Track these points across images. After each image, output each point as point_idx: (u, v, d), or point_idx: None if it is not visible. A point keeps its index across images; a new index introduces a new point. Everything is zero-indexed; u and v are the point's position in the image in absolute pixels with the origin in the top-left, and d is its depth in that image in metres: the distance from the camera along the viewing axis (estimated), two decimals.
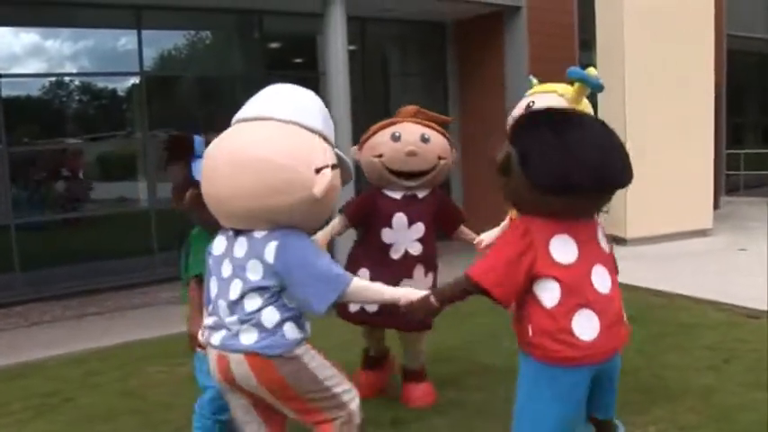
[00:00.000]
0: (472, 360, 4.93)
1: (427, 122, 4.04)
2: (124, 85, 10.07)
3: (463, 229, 4.23)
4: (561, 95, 3.59)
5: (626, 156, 2.53)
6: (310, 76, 11.01)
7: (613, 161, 2.49)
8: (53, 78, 9.46)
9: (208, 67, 10.82)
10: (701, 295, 6.66)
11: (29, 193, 9.29)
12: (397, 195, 3.98)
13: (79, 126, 9.81)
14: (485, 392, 4.35)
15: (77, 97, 9.85)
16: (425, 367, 4.34)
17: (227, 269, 2.63)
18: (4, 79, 8.69)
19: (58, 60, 9.47)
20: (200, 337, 2.78)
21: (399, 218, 3.94)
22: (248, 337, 2.54)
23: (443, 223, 4.16)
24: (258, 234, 2.58)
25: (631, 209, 9.54)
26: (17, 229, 8.63)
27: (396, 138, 3.92)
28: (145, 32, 9.48)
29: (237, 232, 2.63)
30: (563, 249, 2.50)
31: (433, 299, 2.65)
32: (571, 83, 3.56)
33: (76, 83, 9.73)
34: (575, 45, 11.86)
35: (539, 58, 11.08)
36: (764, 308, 6.05)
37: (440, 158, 3.98)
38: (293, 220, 2.59)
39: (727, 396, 4.15)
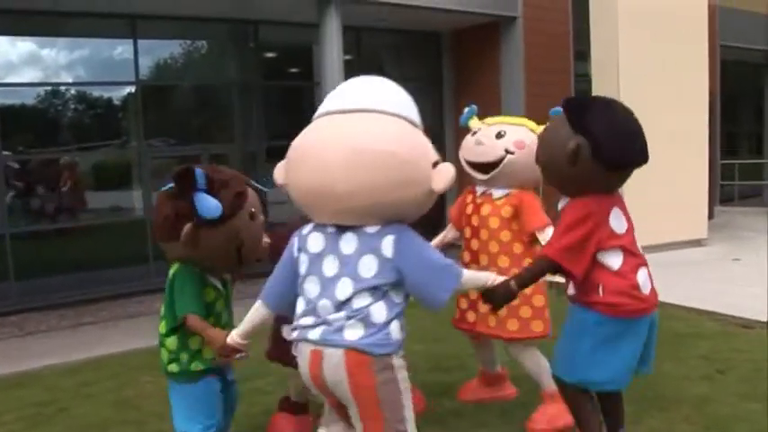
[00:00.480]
0: (469, 369, 4.92)
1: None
2: (120, 94, 10.08)
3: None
4: (531, 130, 3.84)
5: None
6: (306, 85, 11.06)
7: (644, 137, 3.00)
8: (49, 87, 9.47)
9: (203, 76, 10.84)
10: (696, 305, 6.67)
11: (24, 202, 9.28)
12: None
13: (75, 135, 9.81)
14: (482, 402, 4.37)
15: (73, 106, 9.85)
16: None
17: (331, 267, 2.54)
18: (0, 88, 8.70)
19: (54, 69, 9.48)
20: (286, 334, 2.77)
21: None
22: (353, 333, 2.45)
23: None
24: (370, 229, 2.51)
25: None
26: (12, 239, 8.61)
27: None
28: (140, 42, 9.50)
29: (342, 228, 2.54)
30: (618, 221, 2.98)
31: (513, 283, 2.83)
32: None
33: (72, 92, 9.74)
34: (570, 55, 11.92)
35: (534, 69, 11.14)
36: (759, 318, 6.07)
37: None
38: (405, 215, 2.56)
39: (721, 406, 4.15)
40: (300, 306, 2.59)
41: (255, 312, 2.77)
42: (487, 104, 11.53)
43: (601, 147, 2.82)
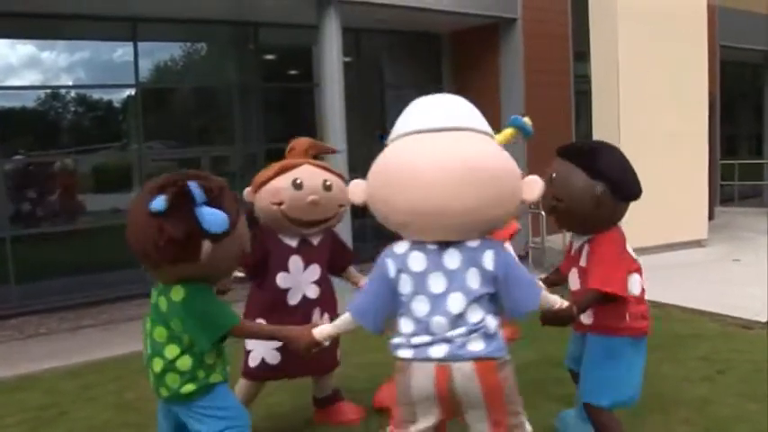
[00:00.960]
0: None
1: (325, 165, 3.95)
2: (120, 96, 10.08)
3: (350, 269, 4.15)
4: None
5: None
6: (305, 87, 11.06)
7: None
8: (49, 90, 9.48)
9: (203, 78, 10.85)
10: (696, 306, 6.68)
11: (24, 204, 9.29)
12: (293, 242, 3.86)
13: (75, 137, 9.80)
14: None
15: (73, 109, 9.85)
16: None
17: (438, 284, 2.58)
18: (0, 91, 8.71)
19: (55, 72, 9.49)
20: (401, 353, 2.63)
21: (295, 261, 3.85)
22: (476, 345, 2.54)
23: (332, 263, 4.03)
24: (472, 243, 2.59)
25: (626, 220, 9.56)
26: (12, 241, 8.62)
27: (297, 185, 3.72)
28: (141, 44, 9.52)
29: (444, 244, 2.59)
30: (629, 247, 3.36)
31: (575, 309, 2.95)
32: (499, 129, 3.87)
33: (72, 94, 9.74)
34: (569, 57, 11.93)
35: (534, 70, 11.15)
36: (759, 318, 6.08)
37: (340, 206, 3.89)
38: (498, 227, 2.77)
39: (721, 407, 4.16)
40: (409, 325, 2.61)
41: (345, 324, 2.82)
42: (487, 106, 11.50)
43: (621, 187, 3.26)
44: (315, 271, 3.89)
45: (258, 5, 9.23)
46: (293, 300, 3.84)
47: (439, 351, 2.54)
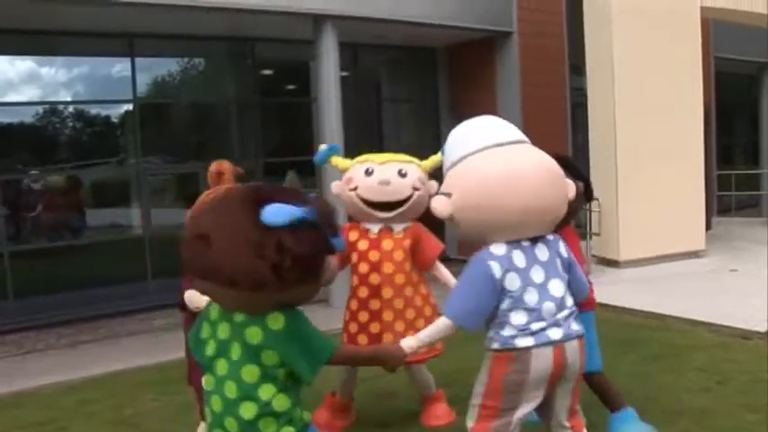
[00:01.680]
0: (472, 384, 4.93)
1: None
2: (118, 111, 10.11)
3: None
4: (419, 166, 4.24)
5: None
6: (303, 101, 11.09)
7: None
8: (47, 106, 9.51)
9: (201, 93, 10.88)
10: (694, 317, 6.68)
11: (22, 220, 9.30)
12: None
13: (73, 153, 9.83)
14: None
15: (71, 124, 9.88)
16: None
17: (539, 275, 2.92)
18: None
19: (53, 88, 9.52)
20: (520, 343, 2.87)
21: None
22: (575, 324, 2.97)
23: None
24: (550, 237, 3.02)
25: (624, 231, 9.59)
26: (10, 257, 8.62)
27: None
28: (138, 60, 9.55)
29: (533, 240, 2.95)
30: None
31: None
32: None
33: (70, 110, 9.77)
34: (565, 70, 11.97)
35: (530, 83, 11.19)
36: (757, 329, 6.08)
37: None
38: None
39: (720, 418, 4.16)
40: (522, 317, 2.87)
41: (441, 329, 2.98)
42: None
43: (590, 188, 3.89)
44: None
45: (255, 21, 9.26)
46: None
47: (556, 333, 2.88)
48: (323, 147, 4.52)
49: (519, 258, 2.88)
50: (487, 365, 2.94)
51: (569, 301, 2.98)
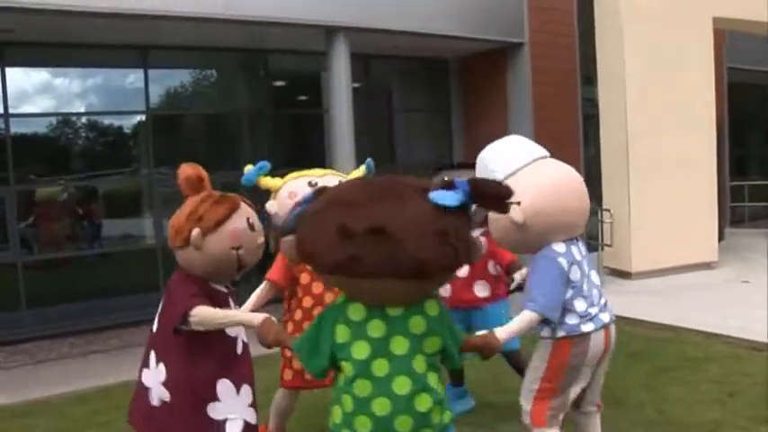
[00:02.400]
0: (476, 399, 4.92)
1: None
2: (130, 122, 10.18)
3: None
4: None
5: None
6: (315, 113, 11.13)
7: None
8: (61, 117, 9.59)
9: (213, 104, 10.94)
10: (706, 328, 6.65)
11: (36, 230, 9.36)
12: None
13: (86, 163, 9.90)
14: (487, 429, 4.40)
15: (84, 135, 9.95)
16: None
17: (585, 267, 3.29)
18: (13, 118, 8.81)
19: (67, 99, 9.61)
20: (585, 328, 3.20)
21: None
22: (610, 310, 3.35)
23: None
24: (579, 238, 3.35)
25: (636, 242, 9.56)
26: (24, 267, 8.68)
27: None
28: (151, 71, 9.62)
29: (575, 239, 3.30)
30: None
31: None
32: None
33: (84, 121, 9.84)
34: (577, 80, 11.97)
35: (541, 94, 11.19)
36: None
37: None
38: None
39: (732, 430, 4.14)
40: (582, 304, 3.21)
41: (527, 322, 3.12)
42: (495, 130, 11.57)
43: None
44: None
45: (267, 33, 9.32)
46: None
47: (606, 317, 3.28)
48: (249, 168, 4.33)
49: (576, 253, 3.24)
50: (546, 352, 3.24)
51: (603, 289, 3.40)
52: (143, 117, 9.84)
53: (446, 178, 2.41)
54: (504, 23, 10.95)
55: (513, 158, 3.30)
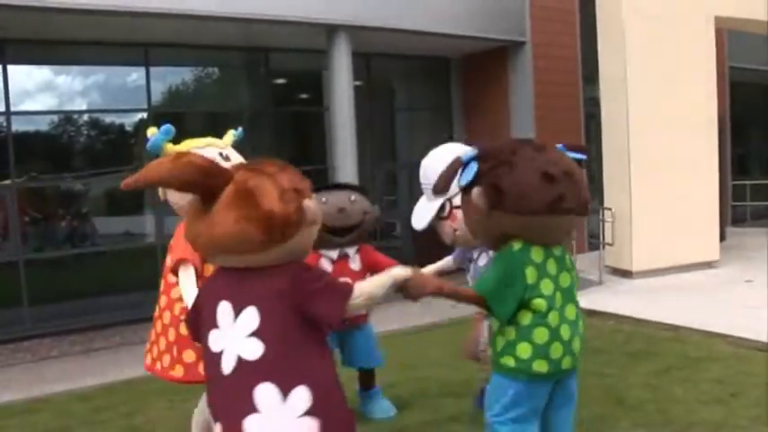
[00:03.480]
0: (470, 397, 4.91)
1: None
2: (132, 120, 10.19)
3: None
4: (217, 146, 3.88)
5: None
6: (316, 111, 11.13)
7: None
8: (63, 114, 9.60)
9: (215, 102, 10.94)
10: (708, 328, 6.62)
11: (37, 228, 9.36)
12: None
13: (88, 161, 9.91)
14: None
15: (86, 132, 9.96)
16: None
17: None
18: (15, 116, 8.81)
19: (69, 97, 9.62)
20: None
21: None
22: None
23: None
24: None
25: (637, 242, 9.55)
26: (25, 265, 8.68)
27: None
28: (153, 69, 9.63)
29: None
30: None
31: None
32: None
33: (86, 118, 9.86)
34: (578, 80, 11.97)
35: (543, 93, 11.19)
36: None
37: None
38: None
39: (734, 430, 4.12)
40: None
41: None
42: (497, 128, 11.61)
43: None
44: None
45: (269, 31, 9.32)
46: None
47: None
48: (154, 132, 3.64)
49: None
50: None
51: None
52: (145, 115, 9.85)
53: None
54: (506, 22, 10.96)
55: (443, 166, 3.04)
